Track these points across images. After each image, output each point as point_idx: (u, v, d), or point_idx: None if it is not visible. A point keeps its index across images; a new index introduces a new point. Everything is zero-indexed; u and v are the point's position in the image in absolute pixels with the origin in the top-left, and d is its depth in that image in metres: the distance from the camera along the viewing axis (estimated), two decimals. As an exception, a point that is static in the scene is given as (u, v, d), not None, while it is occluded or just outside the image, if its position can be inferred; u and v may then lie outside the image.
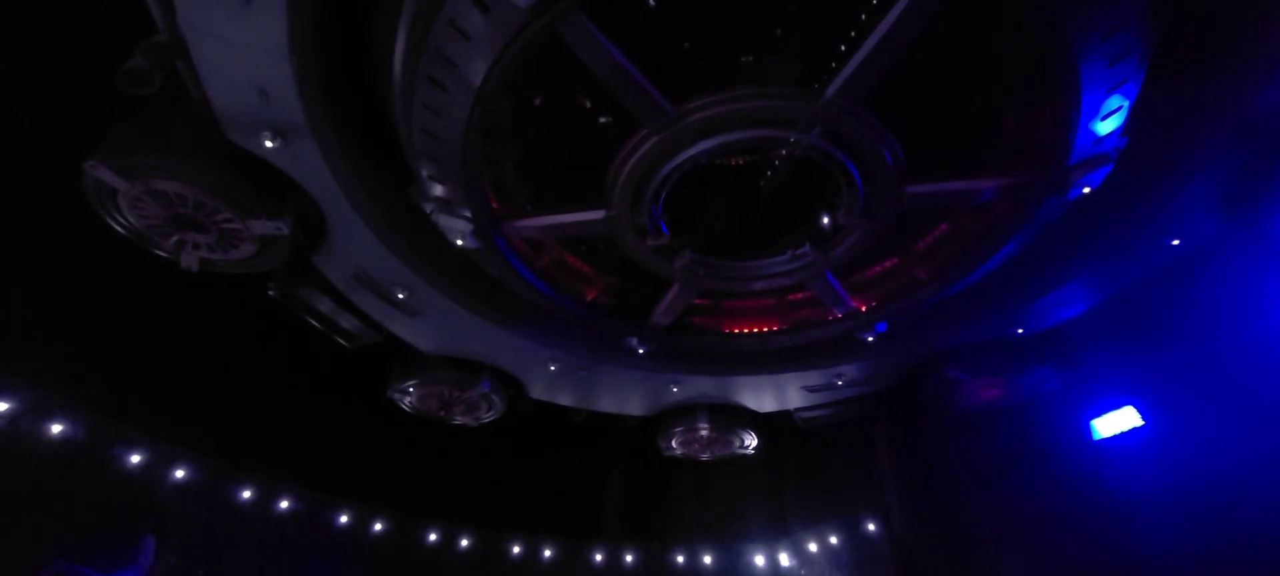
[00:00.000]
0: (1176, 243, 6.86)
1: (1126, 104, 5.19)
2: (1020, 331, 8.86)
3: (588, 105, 5.92)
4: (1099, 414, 9.91)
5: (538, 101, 6.06)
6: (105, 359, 9.29)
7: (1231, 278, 7.33)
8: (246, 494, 12.38)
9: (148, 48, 4.83)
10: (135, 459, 10.58)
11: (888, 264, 7.80)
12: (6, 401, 9.10)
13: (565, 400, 11.20)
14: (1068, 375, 9.22)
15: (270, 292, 7.96)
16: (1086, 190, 5.79)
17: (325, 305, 8.32)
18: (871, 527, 14.78)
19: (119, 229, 6.39)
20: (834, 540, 16.07)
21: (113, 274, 8.20)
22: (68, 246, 7.83)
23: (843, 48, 5.93)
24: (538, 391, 10.78)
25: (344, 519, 14.39)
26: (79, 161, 5.59)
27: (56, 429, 9.47)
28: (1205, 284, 7.53)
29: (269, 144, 5.65)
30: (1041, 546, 10.32)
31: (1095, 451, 9.86)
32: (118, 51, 4.81)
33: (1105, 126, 5.38)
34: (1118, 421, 9.63)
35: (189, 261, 6.63)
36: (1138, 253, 7.11)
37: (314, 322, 8.61)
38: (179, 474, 11.11)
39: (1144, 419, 9.33)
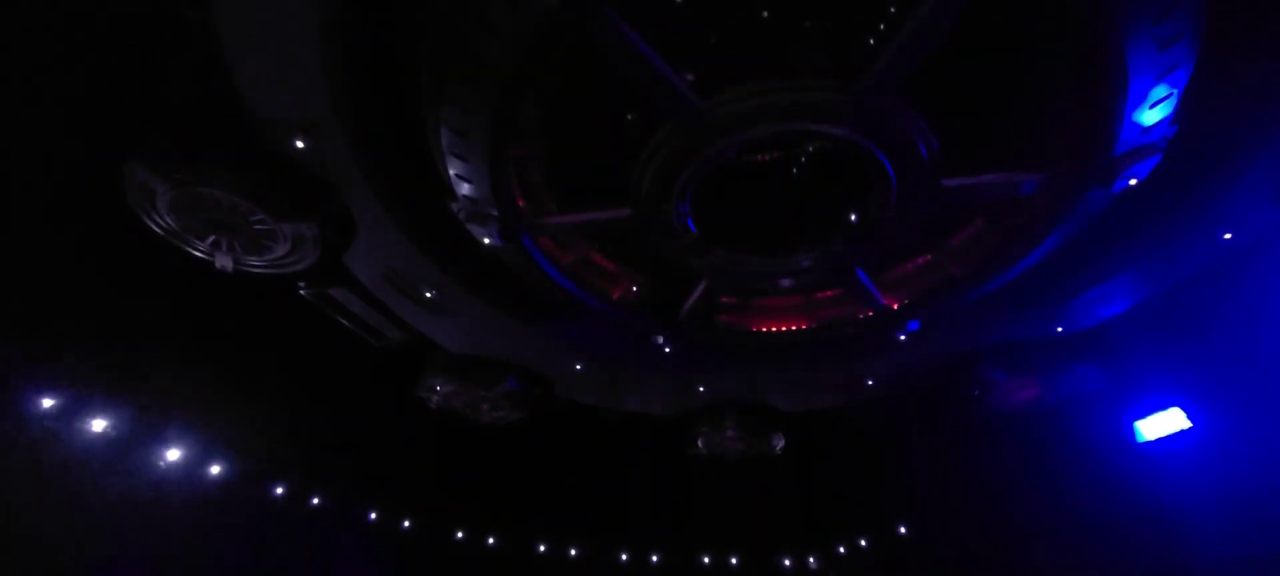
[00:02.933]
0: (1229, 236, 6.55)
1: (1176, 92, 4.96)
2: (1059, 329, 8.57)
3: (615, 101, 5.88)
4: (1143, 415, 9.52)
5: (564, 98, 6.04)
6: (141, 358, 9.50)
7: (1282, 274, 6.97)
8: (279, 491, 12.61)
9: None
10: (173, 455, 10.83)
11: (921, 260, 7.62)
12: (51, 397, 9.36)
13: (591, 399, 11.20)
14: (1110, 375, 8.88)
15: (301, 292, 8.08)
16: (1133, 182, 5.56)
17: (355, 305, 8.42)
18: (903, 531, 14.47)
19: (157, 229, 6.52)
20: (864, 543, 15.78)
21: (147, 273, 8.38)
22: (93, 240, 7.98)
23: (874, 40, 5.83)
24: (564, 390, 10.78)
25: (373, 516, 14.58)
26: (117, 161, 5.71)
27: (99, 425, 9.72)
28: (1256, 280, 7.18)
29: (300, 145, 5.72)
30: (1080, 554, 9.94)
31: (1139, 454, 9.47)
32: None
33: (1153, 115, 5.16)
34: (1164, 423, 9.24)
35: (223, 262, 6.75)
36: (1187, 247, 6.81)
37: (344, 322, 8.72)
38: (214, 470, 11.35)
39: (1191, 420, 8.92)
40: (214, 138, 5.83)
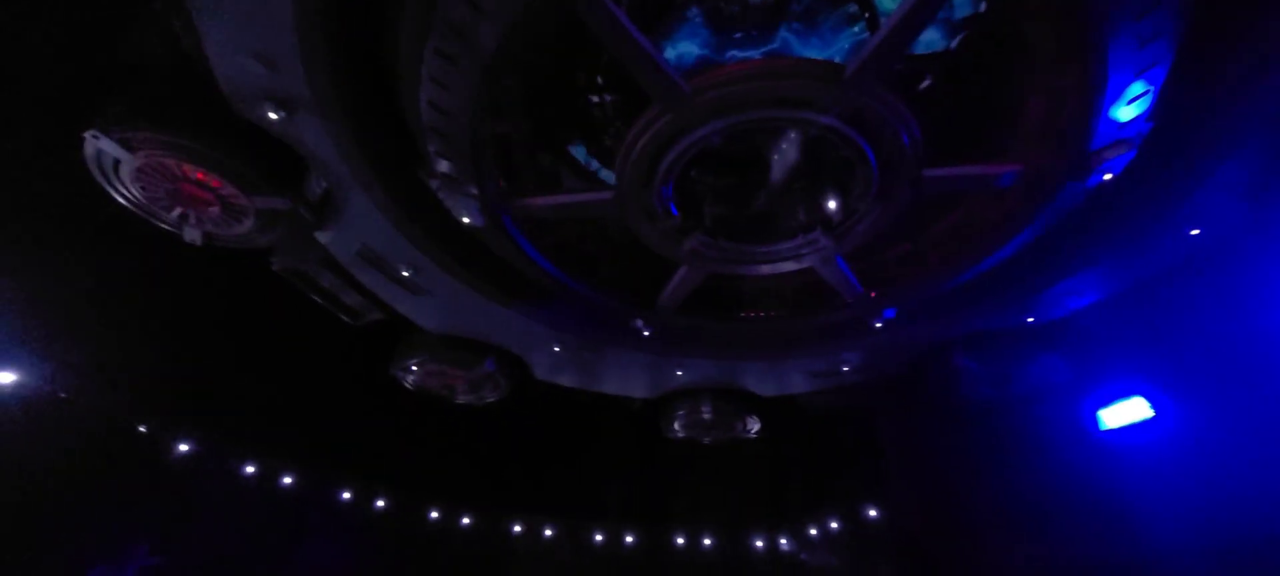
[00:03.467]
0: (1197, 232, 6.72)
1: (1153, 89, 5.05)
2: (1031, 320, 8.75)
3: (600, 82, 5.80)
4: (1106, 404, 9.83)
5: (549, 78, 5.94)
6: (112, 336, 9.24)
7: (1248, 269, 7.19)
8: (249, 469, 12.42)
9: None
10: (143, 430, 10.59)
11: (900, 249, 7.69)
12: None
13: (569, 382, 11.16)
14: (1077, 365, 9.12)
15: (274, 267, 7.89)
16: (1108, 176, 5.67)
17: (329, 281, 8.24)
18: (873, 513, 14.79)
19: (121, 200, 6.29)
20: (835, 525, 16.11)
21: (112, 249, 8.12)
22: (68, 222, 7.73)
23: (861, 28, 5.81)
24: (542, 372, 10.73)
25: (346, 495, 14.45)
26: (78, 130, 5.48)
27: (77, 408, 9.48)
28: (1222, 274, 7.40)
29: (274, 117, 5.53)
30: (1045, 537, 10.29)
31: (1102, 442, 9.78)
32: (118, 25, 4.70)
33: (1129, 111, 5.25)
34: (1126, 412, 9.55)
35: (192, 235, 6.55)
36: (1157, 241, 6.97)
37: (317, 299, 8.54)
38: (182, 448, 11.13)
39: (1154, 410, 9.23)
40: (182, 107, 5.62)
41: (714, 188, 6.76)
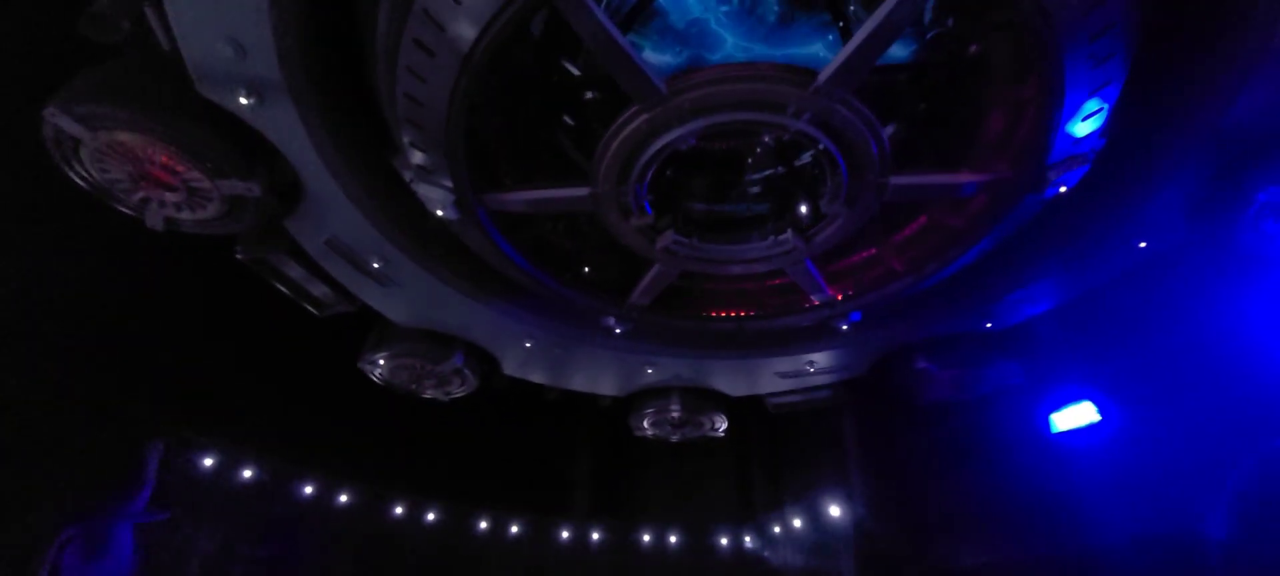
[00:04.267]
0: (1144, 245, 7.08)
1: (1107, 106, 5.31)
2: (989, 326, 9.08)
3: (578, 79, 5.83)
4: (1058, 408, 10.27)
5: (527, 73, 5.95)
6: (71, 324, 8.93)
7: (1190, 282, 7.62)
8: (208, 462, 12.09)
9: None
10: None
11: (866, 254, 7.90)
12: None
13: (538, 378, 11.16)
14: (1032, 370, 9.51)
15: (238, 255, 7.71)
16: (1063, 189, 5.93)
17: (296, 271, 8.09)
18: (835, 512, 15.13)
19: (80, 183, 6.10)
20: (797, 522, 16.42)
21: (71, 229, 7.87)
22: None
23: (834, 36, 5.96)
24: (511, 367, 10.71)
25: (308, 489, 14.17)
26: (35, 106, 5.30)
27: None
28: (1165, 287, 7.82)
29: (244, 102, 5.43)
30: (998, 533, 10.74)
31: (1053, 444, 10.23)
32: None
33: (1084, 127, 5.50)
34: (1075, 416, 10.00)
35: (154, 221, 6.37)
36: (1107, 253, 7.32)
37: (283, 289, 8.38)
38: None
39: (1101, 414, 9.70)
40: (147, 87, 5.48)
41: (689, 187, 6.88)
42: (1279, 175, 5.74)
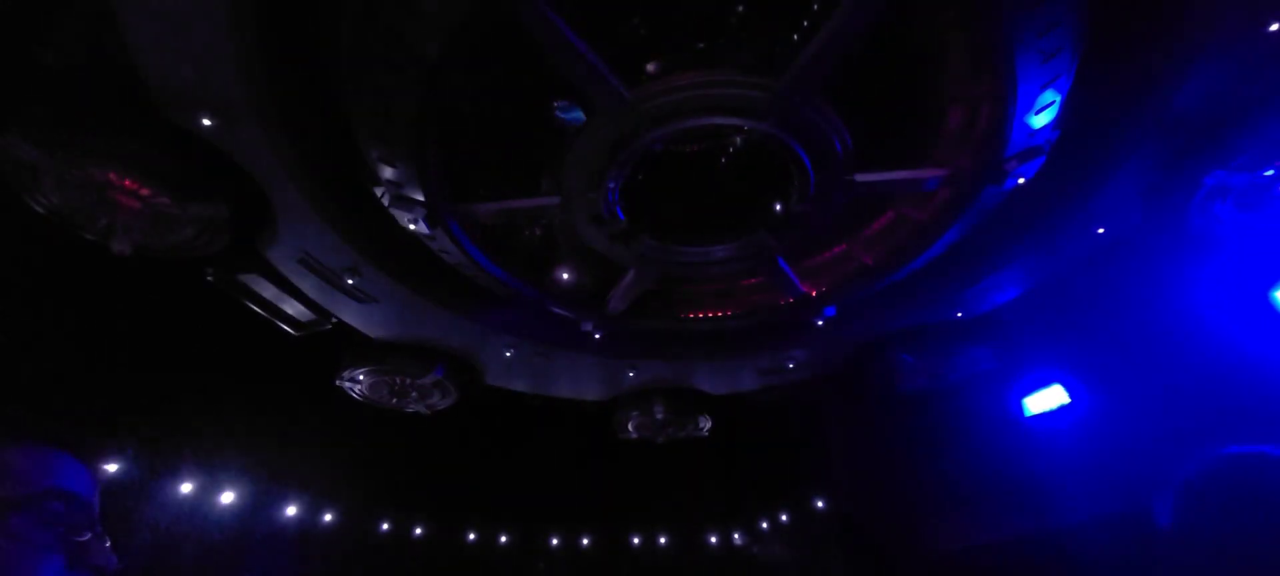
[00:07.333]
0: (1102, 231, 7.29)
1: (1059, 99, 5.48)
2: (959, 315, 9.27)
3: (544, 89, 5.88)
4: (1030, 392, 10.51)
5: (493, 84, 5.98)
6: (29, 351, 8.73)
7: (1150, 266, 7.85)
8: (187, 487, 11.89)
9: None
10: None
11: (837, 250, 8.04)
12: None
13: (521, 386, 11.15)
14: (1003, 356, 9.73)
15: (208, 278, 7.62)
16: (1021, 180, 6.10)
17: (269, 291, 8.01)
18: (820, 504, 15.31)
19: (39, 210, 5.99)
20: (784, 517, 16.57)
21: (31, 255, 7.71)
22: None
23: (797, 37, 6.07)
24: (494, 377, 10.69)
25: (292, 511, 13.97)
26: None
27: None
28: (1127, 271, 8.04)
29: (207, 123, 5.39)
30: (977, 514, 10.98)
31: (1026, 427, 10.47)
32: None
33: (1039, 120, 5.68)
34: (1046, 399, 10.24)
35: (121, 247, 6.25)
36: (1067, 240, 7.53)
37: (257, 309, 8.30)
38: (111, 467, 10.58)
39: (1070, 396, 9.95)
40: (108, 111, 5.40)
41: (659, 191, 6.95)
42: (1224, 159, 5.95)
